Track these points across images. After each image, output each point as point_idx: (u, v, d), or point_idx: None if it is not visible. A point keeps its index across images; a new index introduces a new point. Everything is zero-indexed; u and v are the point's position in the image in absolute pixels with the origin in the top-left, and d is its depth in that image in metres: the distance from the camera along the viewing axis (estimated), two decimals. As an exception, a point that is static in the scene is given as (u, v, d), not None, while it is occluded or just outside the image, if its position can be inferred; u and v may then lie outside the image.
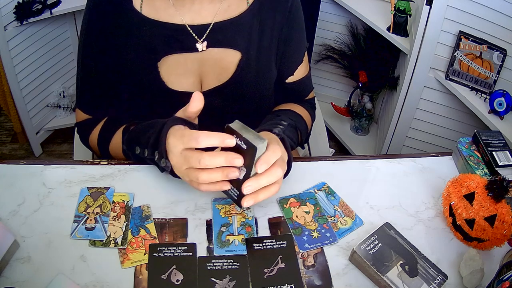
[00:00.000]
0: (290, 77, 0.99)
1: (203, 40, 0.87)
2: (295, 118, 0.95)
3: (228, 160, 0.66)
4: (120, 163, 0.86)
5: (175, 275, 0.68)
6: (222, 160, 0.66)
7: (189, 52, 0.88)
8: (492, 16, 1.32)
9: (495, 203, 0.71)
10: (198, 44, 0.87)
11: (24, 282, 0.65)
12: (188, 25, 0.86)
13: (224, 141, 0.66)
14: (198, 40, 0.87)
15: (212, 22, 0.87)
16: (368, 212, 0.81)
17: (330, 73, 2.19)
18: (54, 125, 2.11)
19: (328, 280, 0.69)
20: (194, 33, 0.87)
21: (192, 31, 0.87)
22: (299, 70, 0.99)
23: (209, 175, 0.67)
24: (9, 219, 0.74)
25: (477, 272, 0.68)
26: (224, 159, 0.66)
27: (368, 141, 2.13)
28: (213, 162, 0.66)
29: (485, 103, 1.38)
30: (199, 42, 0.87)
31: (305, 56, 1.00)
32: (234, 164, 0.66)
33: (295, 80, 1.00)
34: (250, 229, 0.76)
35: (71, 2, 1.80)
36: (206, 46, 0.88)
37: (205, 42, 0.87)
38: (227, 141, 0.66)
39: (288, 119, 0.90)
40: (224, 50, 0.89)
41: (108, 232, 0.73)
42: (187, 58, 0.88)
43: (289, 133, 0.87)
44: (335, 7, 1.98)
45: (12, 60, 1.76)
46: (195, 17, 0.87)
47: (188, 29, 0.86)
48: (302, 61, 0.99)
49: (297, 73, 0.99)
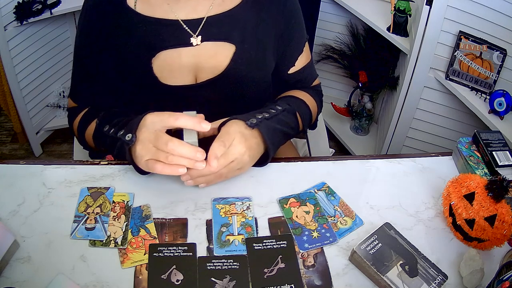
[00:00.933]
0: (291, 68, 0.99)
1: (197, 35, 0.88)
2: (295, 103, 0.95)
3: (193, 154, 0.71)
4: (120, 163, 0.86)
5: (175, 275, 0.68)
6: (187, 151, 0.71)
7: (184, 47, 0.88)
8: (492, 16, 1.32)
9: (495, 203, 0.71)
10: (193, 39, 0.87)
11: (24, 282, 0.65)
12: (182, 20, 0.87)
13: (200, 124, 0.72)
14: (193, 34, 0.87)
15: (206, 16, 0.88)
16: (368, 212, 0.81)
17: (330, 73, 2.19)
18: (54, 125, 2.11)
19: (328, 280, 0.69)
20: (188, 28, 0.87)
21: (186, 26, 0.87)
22: (299, 60, 0.99)
23: (178, 159, 0.72)
24: (9, 219, 0.74)
25: (477, 272, 0.68)
26: (189, 151, 0.71)
27: (368, 141, 2.13)
28: (179, 150, 0.71)
29: (485, 103, 1.38)
30: (193, 36, 0.87)
31: (305, 46, 1.00)
32: (196, 158, 0.72)
33: (297, 70, 1.00)
34: (250, 229, 0.76)
35: (71, 2, 1.80)
36: (200, 40, 0.88)
37: (200, 37, 0.88)
38: (203, 125, 0.72)
39: (286, 105, 0.90)
40: (218, 43, 0.89)
41: (108, 232, 0.73)
42: (181, 53, 0.88)
43: (283, 117, 0.87)
44: (335, 7, 1.98)
45: (12, 60, 1.76)
46: (190, 12, 0.87)
47: (182, 24, 0.87)
48: (302, 51, 0.99)
49: (298, 63, 1.00)
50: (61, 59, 2.03)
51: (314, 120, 1.04)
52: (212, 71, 0.90)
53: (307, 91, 1.02)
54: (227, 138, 0.76)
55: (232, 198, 0.81)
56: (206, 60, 0.89)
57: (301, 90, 1.02)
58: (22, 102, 1.89)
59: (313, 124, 1.06)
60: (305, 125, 0.97)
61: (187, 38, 0.87)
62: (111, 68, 0.91)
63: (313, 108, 1.01)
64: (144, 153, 0.75)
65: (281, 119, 0.87)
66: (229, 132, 0.78)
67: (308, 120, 0.99)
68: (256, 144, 0.81)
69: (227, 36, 0.89)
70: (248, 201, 0.80)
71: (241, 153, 0.77)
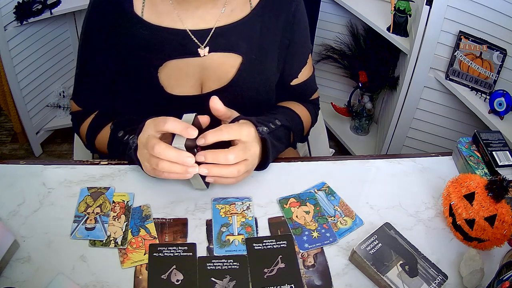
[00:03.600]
0: (294, 79, 0.99)
1: (205, 46, 0.87)
2: (292, 119, 0.94)
3: (181, 158, 0.69)
4: (120, 163, 0.86)
5: (175, 275, 0.68)
6: (173, 155, 0.69)
7: (191, 57, 0.87)
8: (492, 16, 1.32)
9: (495, 203, 0.71)
10: (200, 50, 0.87)
11: (24, 282, 0.65)
12: (190, 30, 0.86)
13: (187, 130, 0.69)
14: (200, 45, 0.87)
15: (214, 27, 0.87)
16: (368, 212, 0.81)
17: (330, 73, 2.19)
18: (54, 125, 2.11)
19: (328, 280, 0.69)
20: (196, 39, 0.86)
21: (193, 36, 0.86)
22: (303, 72, 0.99)
23: (170, 166, 0.70)
24: (9, 219, 0.74)
25: (477, 272, 0.68)
26: (176, 155, 0.69)
27: (368, 141, 2.13)
28: (164, 153, 0.69)
29: (485, 103, 1.38)
30: (201, 47, 0.87)
31: (309, 58, 1.00)
32: (185, 163, 0.69)
33: (299, 82, 1.00)
34: (250, 229, 0.76)
35: (71, 2, 1.80)
36: (208, 51, 0.87)
37: (207, 48, 0.87)
38: (190, 131, 0.69)
39: (284, 120, 0.89)
40: (225, 54, 0.88)
41: (108, 232, 0.73)
42: (188, 63, 0.87)
43: (279, 133, 0.86)
44: (335, 7, 1.98)
45: (12, 60, 1.76)
46: (198, 22, 0.87)
47: (189, 34, 0.86)
48: (306, 63, 0.99)
49: (301, 75, 0.99)
50: (61, 59, 2.03)
51: (305, 134, 1.04)
52: (219, 81, 0.89)
53: (305, 105, 1.02)
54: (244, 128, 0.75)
55: (232, 198, 0.81)
56: (212, 71, 0.89)
57: (300, 104, 1.01)
58: (22, 102, 1.89)
59: (304, 137, 1.05)
60: (294, 141, 0.97)
61: (194, 48, 0.87)
62: (116, 75, 0.90)
63: (306, 124, 1.00)
64: (143, 158, 0.75)
65: (277, 134, 0.85)
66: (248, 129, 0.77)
67: (300, 136, 0.98)
68: (259, 151, 0.79)
69: (235, 47, 0.88)
70: (248, 201, 0.80)
71: (256, 154, 0.76)
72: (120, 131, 0.83)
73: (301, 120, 0.97)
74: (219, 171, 0.72)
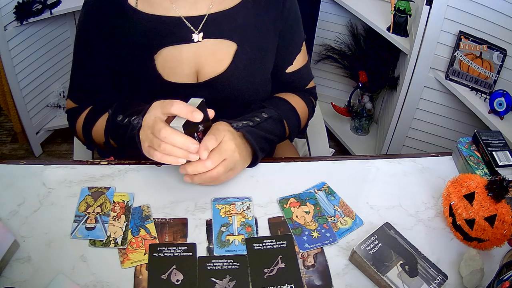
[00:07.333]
0: (289, 67, 0.99)
1: (199, 31, 0.88)
2: (284, 110, 0.94)
3: (186, 144, 0.70)
4: (120, 163, 0.86)
5: (175, 275, 0.68)
6: (180, 140, 0.70)
7: (185, 43, 0.88)
8: (492, 16, 1.32)
9: (495, 203, 0.71)
10: (195, 35, 0.88)
11: (24, 282, 0.65)
12: (184, 17, 0.87)
13: (192, 113, 0.70)
14: (194, 31, 0.88)
15: (207, 14, 0.88)
16: (368, 212, 0.81)
17: (330, 73, 2.19)
18: (54, 125, 2.11)
19: (328, 280, 0.69)
20: (190, 24, 0.87)
21: (188, 22, 0.87)
22: (297, 59, 0.99)
23: (172, 148, 0.71)
24: (9, 219, 0.74)
25: (477, 272, 0.68)
26: (182, 141, 0.70)
27: (368, 141, 2.13)
28: (170, 138, 0.70)
29: (485, 103, 1.38)
30: (195, 33, 0.88)
31: (303, 46, 1.01)
32: (190, 150, 0.71)
33: (294, 69, 1.00)
34: (250, 229, 0.76)
35: (71, 2, 1.80)
36: (202, 37, 0.88)
37: (201, 33, 0.88)
38: (195, 114, 0.70)
39: (272, 112, 0.90)
40: (220, 41, 0.89)
41: (108, 232, 0.73)
42: (182, 49, 0.88)
43: (267, 125, 0.87)
44: (335, 7, 1.98)
45: (12, 60, 1.76)
46: (190, 9, 0.88)
47: (184, 20, 0.87)
48: (300, 51, 1.00)
49: (296, 63, 1.00)
50: (61, 59, 2.03)
51: (303, 126, 1.04)
52: (214, 69, 0.90)
53: (300, 95, 1.02)
54: (217, 134, 0.77)
55: (232, 198, 0.81)
56: (207, 58, 0.89)
57: (295, 94, 1.01)
58: (22, 102, 1.89)
59: (303, 129, 1.05)
60: (292, 132, 0.96)
61: (188, 34, 0.88)
62: (112, 66, 0.91)
63: (303, 115, 1.00)
64: (144, 138, 0.75)
65: (264, 127, 0.86)
66: (219, 129, 0.78)
67: (296, 126, 0.98)
68: (243, 144, 0.82)
69: (229, 34, 0.89)
70: (248, 201, 0.80)
71: (232, 149, 0.78)
72: (120, 115, 0.84)
73: (296, 111, 0.97)
74: (200, 179, 0.76)
